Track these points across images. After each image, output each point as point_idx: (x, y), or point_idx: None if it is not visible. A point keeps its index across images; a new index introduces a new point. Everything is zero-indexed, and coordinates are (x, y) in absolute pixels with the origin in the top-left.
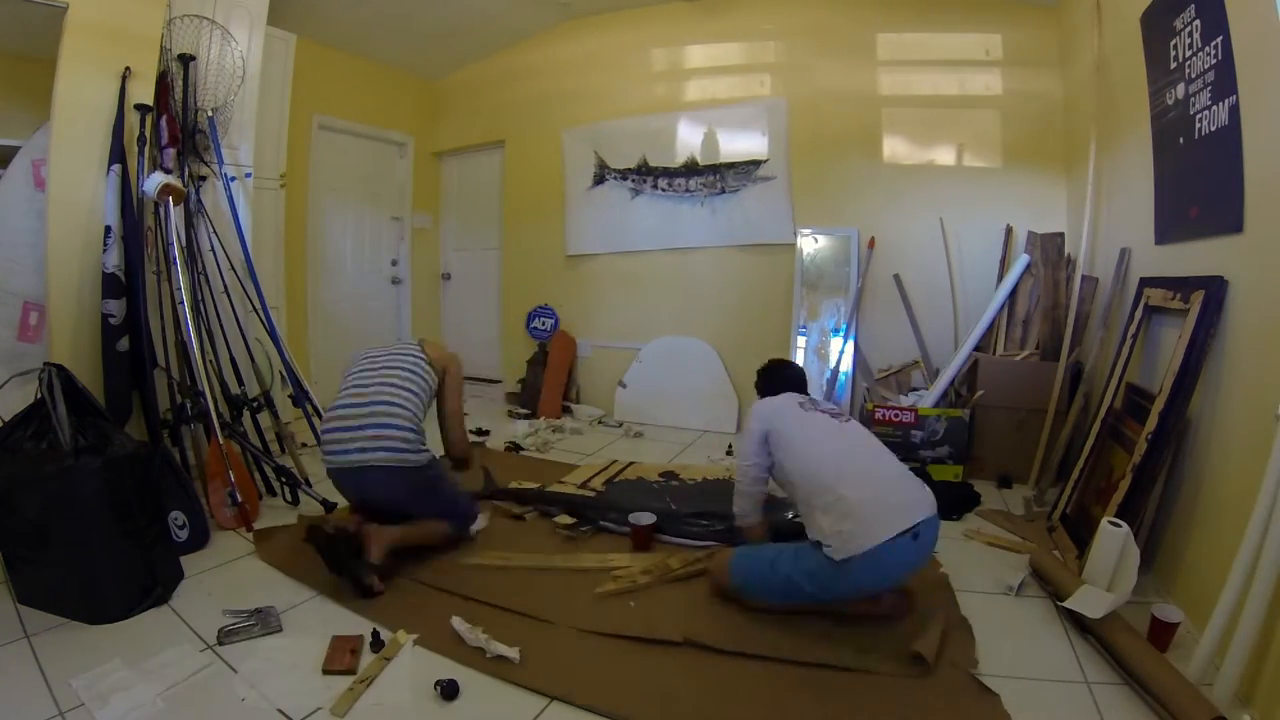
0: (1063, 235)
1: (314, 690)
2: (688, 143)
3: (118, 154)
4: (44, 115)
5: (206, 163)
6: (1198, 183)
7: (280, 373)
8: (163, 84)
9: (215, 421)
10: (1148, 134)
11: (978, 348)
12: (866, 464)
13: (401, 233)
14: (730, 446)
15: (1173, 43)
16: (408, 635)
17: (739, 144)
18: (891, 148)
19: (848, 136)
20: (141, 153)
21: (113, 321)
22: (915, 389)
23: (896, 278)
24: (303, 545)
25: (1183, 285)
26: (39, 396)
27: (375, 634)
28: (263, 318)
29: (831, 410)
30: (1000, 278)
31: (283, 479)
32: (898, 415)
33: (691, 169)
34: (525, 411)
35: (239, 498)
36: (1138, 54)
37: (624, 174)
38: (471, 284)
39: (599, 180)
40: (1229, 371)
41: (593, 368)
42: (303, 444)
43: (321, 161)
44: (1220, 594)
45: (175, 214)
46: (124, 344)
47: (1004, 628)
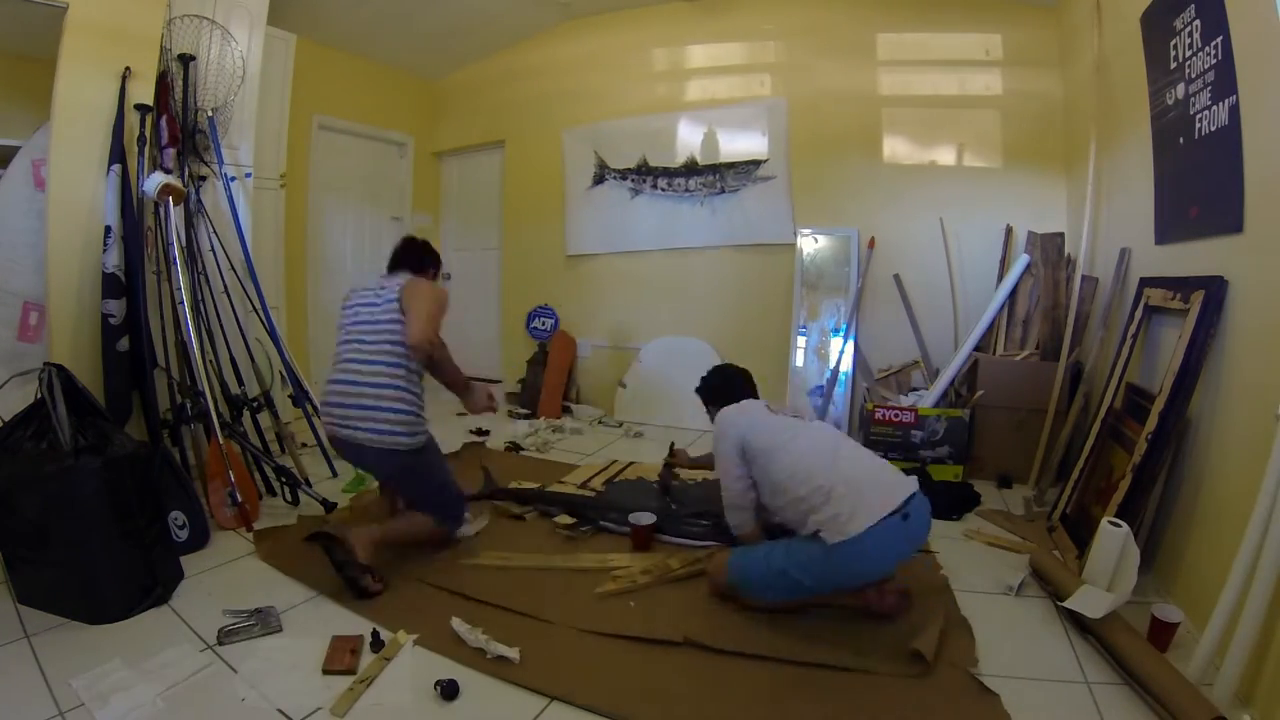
0: (1063, 235)
1: (314, 690)
2: (688, 142)
3: (118, 154)
4: (44, 115)
5: (206, 163)
6: (1198, 183)
7: (280, 373)
8: (163, 84)
9: (215, 421)
10: (1148, 134)
11: (978, 348)
12: (851, 453)
13: (401, 233)
14: None
15: (1173, 43)
16: (408, 635)
17: (739, 144)
18: (891, 148)
19: (848, 136)
20: (141, 153)
21: (113, 321)
22: (915, 389)
23: (896, 278)
24: (303, 545)
25: (1183, 285)
26: (39, 396)
27: (375, 634)
28: (263, 318)
29: (791, 413)
30: (1000, 278)
31: (283, 479)
32: (898, 415)
33: (691, 169)
34: (525, 411)
35: (239, 498)
36: (1138, 54)
37: (624, 174)
38: (471, 284)
39: (599, 180)
40: (1229, 371)
41: (592, 368)
42: (303, 444)
43: (321, 161)
44: (1220, 594)
45: (175, 214)
46: (124, 344)
47: (1004, 628)
